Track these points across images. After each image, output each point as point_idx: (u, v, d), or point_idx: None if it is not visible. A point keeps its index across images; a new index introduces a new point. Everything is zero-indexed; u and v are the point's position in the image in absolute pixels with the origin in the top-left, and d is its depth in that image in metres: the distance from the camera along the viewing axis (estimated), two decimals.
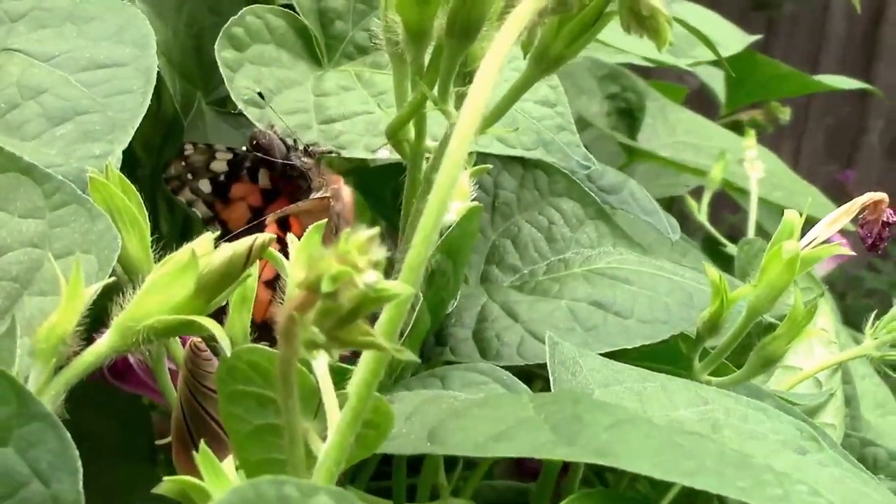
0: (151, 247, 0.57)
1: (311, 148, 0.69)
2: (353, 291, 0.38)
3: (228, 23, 0.72)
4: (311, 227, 0.64)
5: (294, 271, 0.50)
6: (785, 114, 1.67)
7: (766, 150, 1.64)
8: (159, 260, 0.55)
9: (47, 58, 0.65)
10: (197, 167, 0.72)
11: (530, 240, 0.75)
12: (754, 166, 1.30)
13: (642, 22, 0.52)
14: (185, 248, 0.49)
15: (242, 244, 0.48)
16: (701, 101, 1.60)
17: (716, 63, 1.23)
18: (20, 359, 0.50)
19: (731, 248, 1.11)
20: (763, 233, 1.41)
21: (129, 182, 0.59)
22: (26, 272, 0.56)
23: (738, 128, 1.66)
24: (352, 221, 0.69)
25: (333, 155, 0.69)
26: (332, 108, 0.71)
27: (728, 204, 1.61)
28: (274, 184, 0.72)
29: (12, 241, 0.57)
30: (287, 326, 0.41)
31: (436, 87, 0.59)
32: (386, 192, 0.78)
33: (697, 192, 1.28)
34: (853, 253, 0.63)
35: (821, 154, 3.41)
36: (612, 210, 0.78)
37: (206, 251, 0.50)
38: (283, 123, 0.69)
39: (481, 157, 0.67)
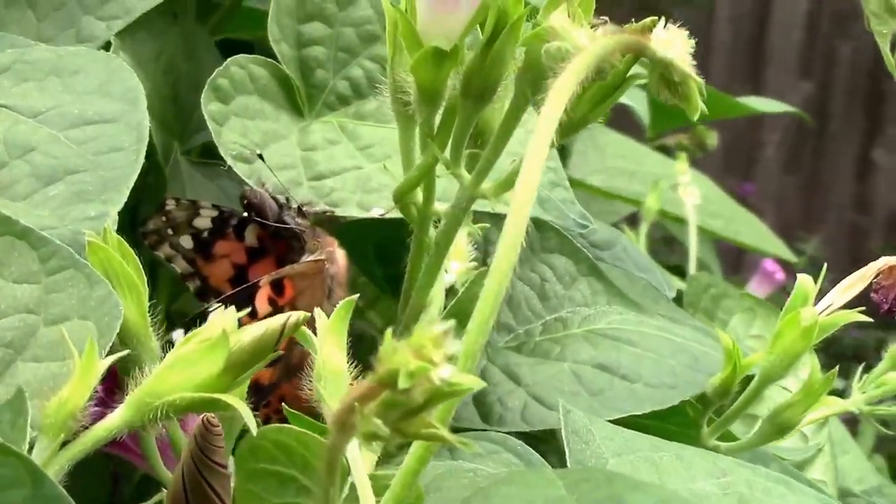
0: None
1: (305, 207, 0.68)
2: (426, 386, 0.37)
3: (214, 74, 0.71)
4: (305, 289, 0.64)
5: (325, 350, 0.49)
6: (712, 138, 1.69)
7: (699, 174, 1.65)
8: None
9: (34, 114, 0.64)
10: (178, 223, 0.71)
11: (523, 298, 0.75)
12: (689, 192, 1.30)
13: (673, 89, 0.52)
14: (215, 323, 0.48)
15: (275, 322, 0.47)
16: (623, 124, 1.60)
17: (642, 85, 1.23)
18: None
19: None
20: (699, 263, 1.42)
21: (127, 246, 0.58)
22: (21, 338, 0.56)
23: (665, 151, 1.67)
24: (345, 285, 0.69)
25: (328, 214, 0.68)
26: (321, 164, 0.71)
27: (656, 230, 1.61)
28: (261, 242, 0.71)
29: (6, 307, 0.56)
30: (344, 416, 0.40)
31: (447, 150, 0.58)
32: (367, 247, 0.77)
33: (631, 219, 1.28)
34: (870, 319, 0.63)
35: (719, 168, 3.45)
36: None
37: (233, 326, 0.49)
38: (277, 180, 0.68)
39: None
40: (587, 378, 0.68)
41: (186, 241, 0.72)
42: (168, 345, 0.59)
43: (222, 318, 0.48)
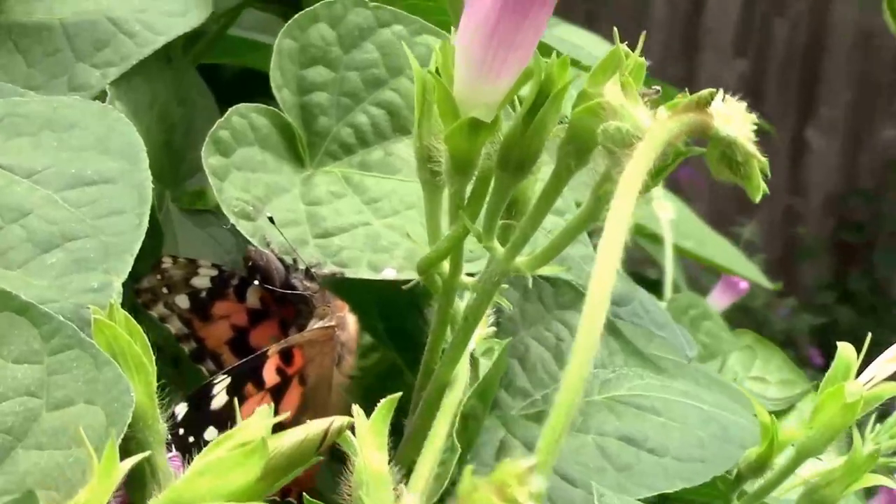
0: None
1: (313, 269, 0.65)
2: None
3: (215, 126, 0.67)
4: (315, 357, 0.61)
5: (365, 453, 0.46)
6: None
7: (670, 194, 1.63)
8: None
9: (28, 173, 0.61)
10: (175, 281, 0.68)
11: (539, 360, 0.72)
12: (663, 207, 1.27)
13: (735, 168, 0.50)
14: (250, 427, 0.45)
15: (316, 428, 0.44)
16: None
17: None
18: None
19: None
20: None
21: (134, 322, 0.55)
22: (22, 423, 0.52)
23: None
24: (354, 351, 0.66)
25: (338, 277, 0.65)
26: (327, 220, 0.68)
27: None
28: (264, 304, 0.69)
29: (6, 389, 0.53)
30: None
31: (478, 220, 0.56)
32: (369, 300, 0.74)
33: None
34: None
35: None
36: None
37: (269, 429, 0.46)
38: (283, 238, 0.65)
39: None
40: (613, 452, 0.65)
41: (183, 301, 0.69)
42: (170, 419, 0.56)
43: (259, 421, 0.45)
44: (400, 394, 0.49)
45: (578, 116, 0.51)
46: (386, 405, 0.48)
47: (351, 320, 0.66)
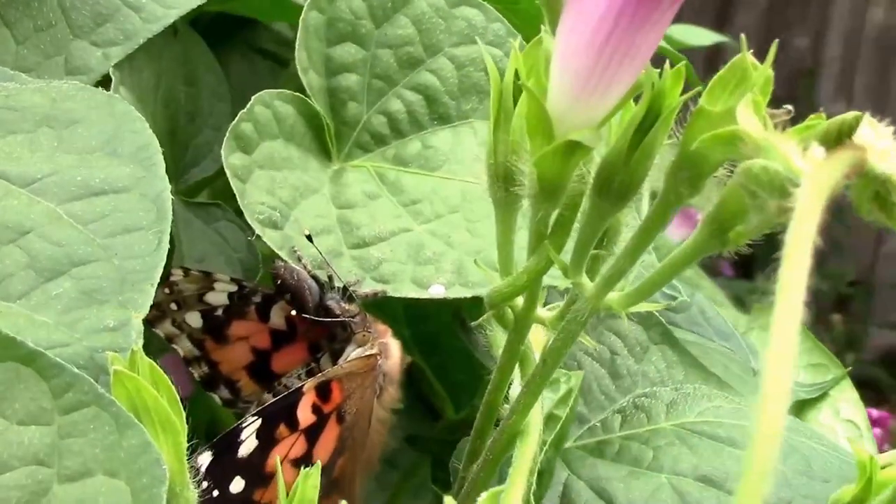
0: None
1: (352, 288, 0.57)
2: None
3: (237, 119, 0.60)
4: (354, 391, 0.54)
5: None
6: None
7: None
8: None
9: (26, 182, 0.53)
10: (186, 297, 0.62)
11: (594, 378, 0.65)
12: None
13: (888, 209, 0.42)
14: None
15: None
16: None
17: None
18: None
19: None
20: None
21: (159, 370, 0.48)
22: (29, 499, 0.44)
23: None
24: (397, 382, 0.60)
25: (380, 296, 0.58)
26: (363, 227, 0.61)
27: None
28: (290, 325, 0.62)
29: (10, 457, 0.45)
30: None
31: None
32: (396, 305, 0.67)
33: None
34: None
35: None
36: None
37: None
38: (313, 250, 0.57)
39: None
40: (692, 497, 0.59)
41: (194, 319, 0.62)
42: (192, 470, 0.49)
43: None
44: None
45: (704, 144, 0.43)
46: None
47: (395, 347, 0.60)
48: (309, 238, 0.58)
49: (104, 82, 0.62)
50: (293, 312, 0.59)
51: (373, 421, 0.59)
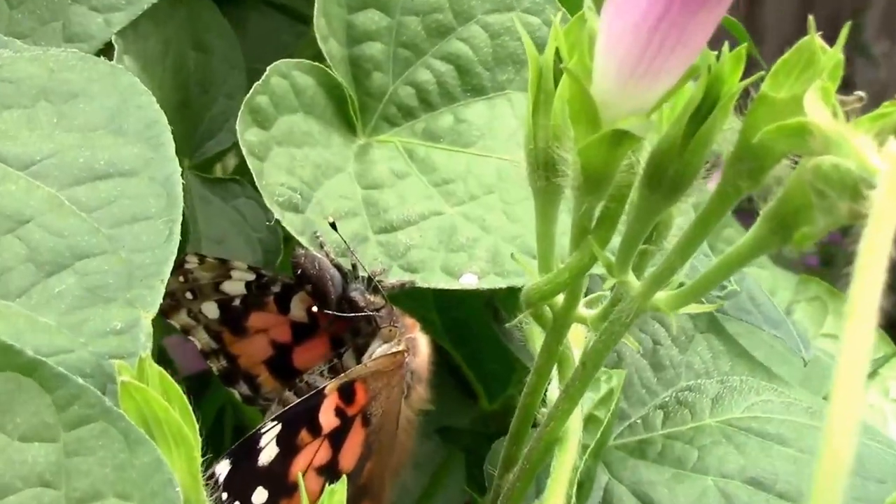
0: None
1: (378, 279, 0.53)
2: None
3: (251, 91, 0.56)
4: (380, 391, 0.51)
5: None
6: None
7: None
8: None
9: (25, 164, 0.49)
10: (201, 286, 0.59)
11: (634, 370, 0.62)
12: None
13: None
14: None
15: None
16: None
17: None
18: None
19: None
20: None
21: (170, 380, 0.44)
22: None
23: None
24: (426, 379, 0.57)
25: (407, 287, 0.54)
26: (390, 209, 0.57)
27: None
28: (312, 317, 0.58)
29: (14, 477, 0.42)
30: None
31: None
32: (424, 293, 0.63)
33: None
34: None
35: None
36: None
37: None
38: (335, 236, 0.53)
39: None
40: (740, 501, 0.56)
41: (211, 310, 0.59)
42: (210, 480, 0.47)
43: None
44: None
45: (768, 135, 0.39)
46: None
47: (423, 342, 0.57)
48: (333, 226, 0.55)
49: (106, 51, 0.58)
50: (313, 302, 0.55)
51: (401, 422, 0.56)
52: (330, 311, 0.55)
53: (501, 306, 0.63)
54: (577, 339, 0.53)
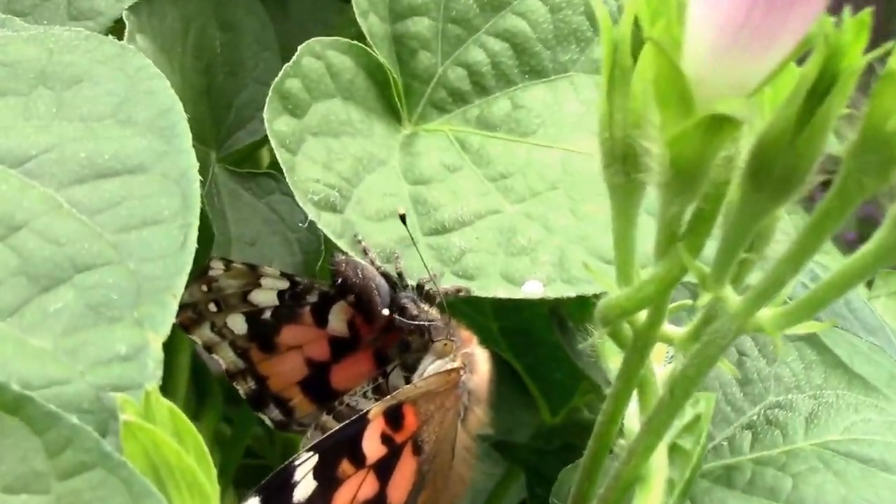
0: None
1: (427, 286, 0.46)
2: None
3: (280, 74, 0.49)
4: (433, 414, 0.47)
5: None
6: None
7: None
8: None
9: (18, 160, 0.43)
10: (227, 296, 0.51)
11: (718, 385, 0.55)
12: None
13: None
14: None
15: None
16: None
17: None
18: None
19: None
20: None
21: (182, 416, 0.38)
22: None
23: None
24: (485, 400, 0.49)
25: (463, 295, 0.47)
26: (441, 208, 0.51)
27: None
28: (354, 330, 0.51)
29: None
30: None
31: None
32: (487, 317, 0.56)
33: None
34: None
35: None
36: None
37: None
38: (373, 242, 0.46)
39: None
40: None
41: (238, 324, 0.52)
42: None
43: None
44: None
45: None
46: None
47: (482, 358, 0.49)
48: (402, 219, 0.49)
49: (116, 30, 0.51)
50: (358, 317, 0.48)
51: (457, 449, 0.49)
52: (380, 322, 0.48)
53: (568, 315, 0.55)
54: (658, 356, 0.45)
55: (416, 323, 0.48)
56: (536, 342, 0.67)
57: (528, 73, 0.56)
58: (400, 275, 0.49)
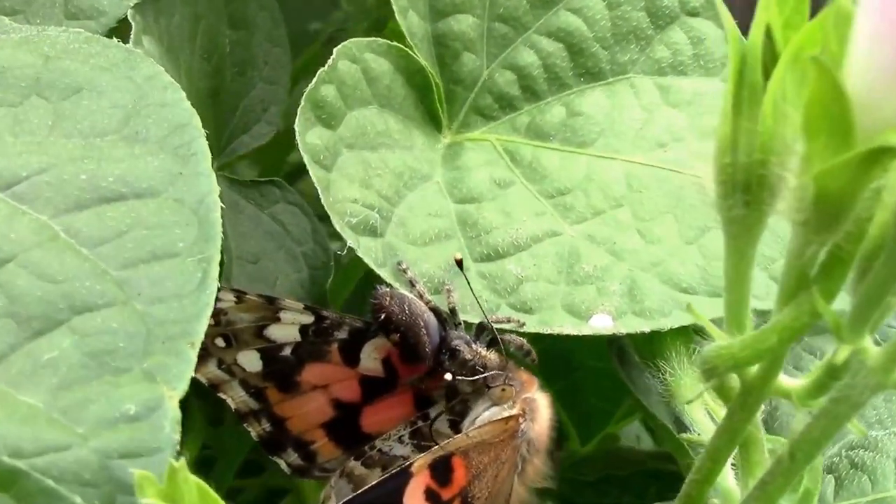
0: None
1: (487, 323, 0.39)
2: None
3: (315, 80, 0.42)
4: (486, 467, 0.40)
5: None
6: None
7: None
8: None
9: (7, 182, 0.37)
10: (238, 330, 0.44)
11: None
12: None
13: None
14: None
15: None
16: None
17: None
18: None
19: None
20: None
21: (215, 497, 0.30)
22: None
23: None
24: (544, 449, 0.42)
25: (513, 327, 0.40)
26: (493, 230, 0.44)
27: None
28: (391, 370, 0.44)
29: None
30: None
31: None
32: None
33: None
34: None
35: None
36: None
37: None
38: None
39: None
40: None
41: (251, 361, 0.44)
42: None
43: None
44: None
45: None
46: None
47: (543, 404, 0.42)
48: (459, 264, 0.41)
49: (120, 31, 0.44)
50: (396, 355, 0.43)
51: (513, 503, 0.42)
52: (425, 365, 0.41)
53: (634, 349, 0.47)
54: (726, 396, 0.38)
55: (470, 378, 0.40)
56: (574, 367, 0.60)
57: (584, 76, 0.48)
58: (453, 311, 0.41)
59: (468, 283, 0.41)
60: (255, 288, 0.45)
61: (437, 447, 0.40)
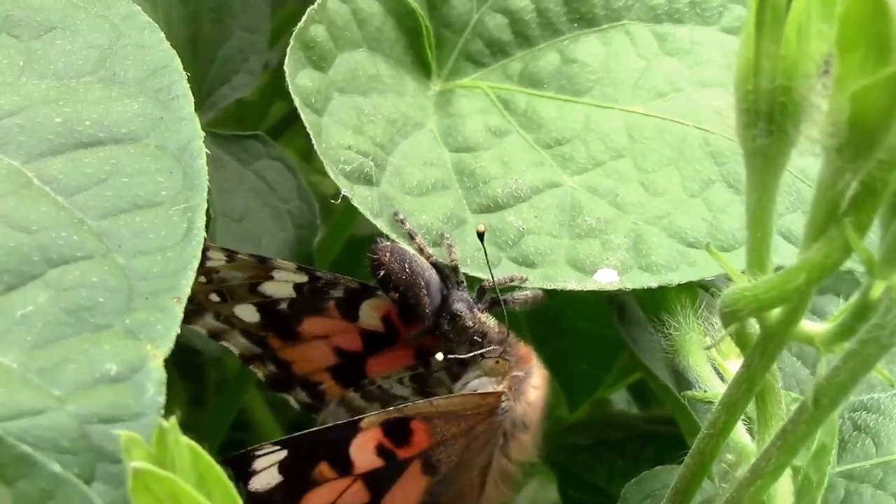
0: None
1: (485, 282, 0.39)
2: None
3: (304, 19, 0.40)
4: (455, 437, 0.39)
5: None
6: None
7: None
8: None
9: None
10: (231, 287, 0.41)
11: (795, 383, 0.47)
12: None
13: None
14: None
15: None
16: None
17: None
18: None
19: None
20: None
21: (209, 459, 0.26)
22: None
23: None
24: (535, 427, 0.39)
25: (516, 284, 0.39)
26: (491, 180, 0.41)
27: None
28: (390, 326, 0.42)
29: None
30: None
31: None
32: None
33: None
34: None
35: None
36: None
37: None
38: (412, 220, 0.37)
39: None
40: None
41: (248, 313, 0.42)
42: None
43: None
44: None
45: None
46: None
47: (536, 380, 0.39)
48: (480, 237, 0.38)
49: None
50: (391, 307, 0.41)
51: (492, 474, 0.40)
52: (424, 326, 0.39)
53: (639, 304, 0.44)
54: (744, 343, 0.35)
55: (469, 355, 0.39)
56: (563, 330, 0.58)
57: (578, 21, 0.45)
58: (455, 269, 0.38)
59: (485, 253, 0.38)
60: (240, 248, 0.43)
61: (394, 408, 0.38)
